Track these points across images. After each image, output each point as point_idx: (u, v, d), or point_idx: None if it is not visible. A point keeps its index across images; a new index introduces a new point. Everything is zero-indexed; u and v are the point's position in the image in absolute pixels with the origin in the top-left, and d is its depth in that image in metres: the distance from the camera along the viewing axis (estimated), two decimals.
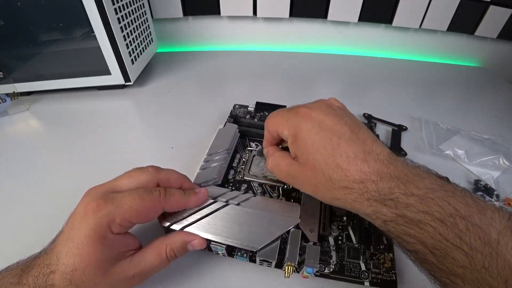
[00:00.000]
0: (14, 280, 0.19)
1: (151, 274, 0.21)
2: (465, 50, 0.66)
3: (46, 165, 0.37)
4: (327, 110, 0.22)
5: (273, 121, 0.25)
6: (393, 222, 0.18)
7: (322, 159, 0.20)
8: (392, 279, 0.23)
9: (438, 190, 0.18)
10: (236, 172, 0.33)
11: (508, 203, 0.31)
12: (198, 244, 0.23)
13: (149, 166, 0.23)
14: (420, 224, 0.17)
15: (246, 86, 0.55)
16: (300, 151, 0.22)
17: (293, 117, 0.23)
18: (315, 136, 0.21)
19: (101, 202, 0.20)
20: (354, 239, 0.26)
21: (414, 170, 0.19)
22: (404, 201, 0.18)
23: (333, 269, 0.24)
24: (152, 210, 0.21)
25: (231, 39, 0.68)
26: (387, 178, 0.19)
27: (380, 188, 0.18)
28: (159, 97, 0.50)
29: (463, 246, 0.16)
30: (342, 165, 0.19)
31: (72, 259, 0.19)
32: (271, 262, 0.23)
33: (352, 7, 0.59)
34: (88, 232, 0.19)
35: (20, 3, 0.38)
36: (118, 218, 0.19)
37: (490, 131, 0.41)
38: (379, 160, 0.19)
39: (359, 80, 0.58)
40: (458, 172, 0.36)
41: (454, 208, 0.17)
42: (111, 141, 0.40)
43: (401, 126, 0.43)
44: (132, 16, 0.48)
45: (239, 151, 0.36)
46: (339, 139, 0.20)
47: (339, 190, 0.20)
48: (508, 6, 0.57)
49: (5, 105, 0.45)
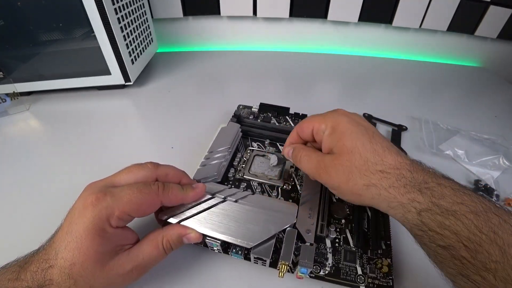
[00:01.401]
0: (12, 276, 0.19)
1: (148, 267, 0.22)
2: (465, 50, 0.66)
3: (46, 165, 0.37)
4: (356, 117, 0.25)
5: (310, 119, 0.26)
6: (428, 211, 0.18)
7: (361, 143, 0.22)
8: (389, 284, 0.23)
9: (467, 189, 0.19)
10: (236, 171, 0.33)
11: (508, 203, 0.31)
12: (193, 238, 0.23)
13: (147, 162, 0.24)
14: (456, 214, 0.17)
15: (246, 86, 0.55)
16: (338, 139, 0.23)
17: (332, 113, 0.25)
18: (353, 127, 0.23)
19: (100, 196, 0.20)
20: (352, 243, 0.26)
21: (437, 172, 0.21)
22: (440, 191, 0.18)
23: (328, 271, 0.24)
24: (150, 203, 0.21)
25: (231, 39, 0.68)
26: (420, 170, 0.20)
27: (415, 177, 0.20)
28: (159, 97, 0.50)
29: (497, 240, 0.16)
30: (379, 150, 0.21)
31: (71, 253, 0.19)
32: (265, 261, 0.23)
33: (352, 7, 0.59)
34: (87, 225, 0.19)
35: (20, 3, 0.38)
36: (117, 211, 0.20)
37: (490, 131, 0.41)
38: (408, 159, 0.21)
39: (359, 80, 0.58)
40: (458, 172, 0.35)
41: (485, 205, 0.17)
42: (111, 141, 0.40)
43: (401, 126, 0.43)
44: (132, 16, 0.48)
45: (240, 150, 0.36)
46: (374, 133, 0.23)
47: (376, 174, 0.21)
48: (508, 6, 0.57)
49: (5, 105, 0.45)
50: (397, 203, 0.20)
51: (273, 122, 0.39)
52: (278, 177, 0.32)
